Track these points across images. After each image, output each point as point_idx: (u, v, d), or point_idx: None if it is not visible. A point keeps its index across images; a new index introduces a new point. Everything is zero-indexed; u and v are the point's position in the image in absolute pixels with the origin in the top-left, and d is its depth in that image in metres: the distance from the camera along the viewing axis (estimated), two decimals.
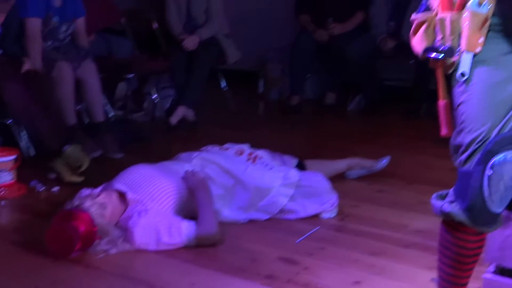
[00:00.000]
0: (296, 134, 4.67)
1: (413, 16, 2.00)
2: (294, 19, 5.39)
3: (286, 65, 5.38)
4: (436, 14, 1.94)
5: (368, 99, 5.17)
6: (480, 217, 1.88)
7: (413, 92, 4.96)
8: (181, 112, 4.75)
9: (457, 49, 1.89)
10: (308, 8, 5.27)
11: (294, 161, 3.42)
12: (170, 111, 4.82)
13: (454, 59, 1.89)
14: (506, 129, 1.85)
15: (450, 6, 1.90)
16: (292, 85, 5.28)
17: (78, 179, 3.60)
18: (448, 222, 1.95)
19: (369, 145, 4.24)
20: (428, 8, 1.97)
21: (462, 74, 1.88)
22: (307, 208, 3.13)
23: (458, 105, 1.92)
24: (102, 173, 3.42)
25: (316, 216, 3.15)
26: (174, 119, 4.73)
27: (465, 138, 1.89)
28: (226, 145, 3.35)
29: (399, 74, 5.28)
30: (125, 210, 2.87)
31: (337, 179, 3.49)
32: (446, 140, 1.98)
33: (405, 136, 4.50)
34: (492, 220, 1.90)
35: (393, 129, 4.72)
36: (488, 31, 1.86)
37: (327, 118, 5.11)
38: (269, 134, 4.56)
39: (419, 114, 4.88)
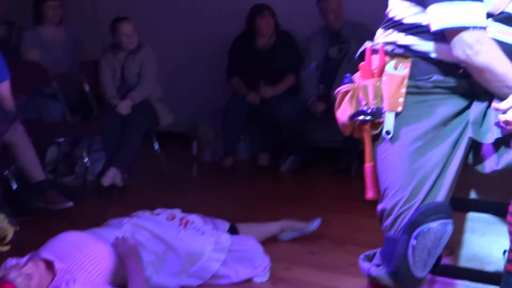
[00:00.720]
0: (230, 196, 4.67)
1: (337, 90, 2.09)
2: (226, 82, 5.47)
3: (219, 127, 5.42)
4: (358, 84, 2.03)
5: (300, 160, 5.25)
6: (405, 281, 1.94)
7: (344, 152, 5.07)
8: (113, 173, 4.71)
9: (382, 110, 1.98)
10: (239, 71, 5.37)
11: (226, 225, 3.41)
12: (101, 173, 4.77)
13: (381, 119, 1.97)
14: (429, 195, 1.92)
15: (370, 74, 2.01)
16: (225, 147, 5.32)
17: (3, 248, 3.48)
18: (375, 284, 2.00)
19: (301, 206, 4.28)
20: (351, 81, 2.07)
21: (387, 132, 1.96)
22: (239, 273, 3.12)
23: (382, 169, 1.99)
24: (30, 240, 3.33)
25: (249, 281, 3.14)
26: (106, 181, 4.68)
27: (388, 203, 1.96)
28: (157, 210, 3.33)
29: (330, 135, 5.37)
30: (52, 280, 2.80)
31: (269, 242, 3.50)
32: (375, 200, 2.03)
33: (337, 196, 4.56)
34: (416, 283, 1.95)
35: (325, 190, 4.79)
36: (409, 92, 1.95)
37: (260, 179, 5.14)
38: (203, 197, 4.56)
39: (350, 173, 4.98)
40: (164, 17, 5.92)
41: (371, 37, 2.13)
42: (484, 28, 1.82)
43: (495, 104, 1.84)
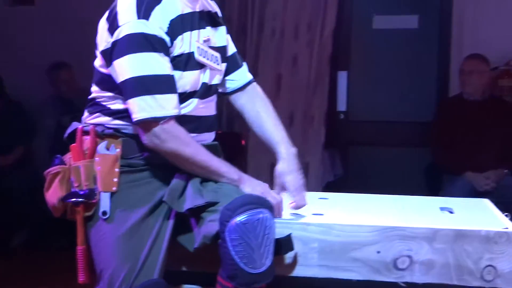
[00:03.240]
0: None
1: (46, 171, 2.05)
2: None
3: None
4: (70, 166, 2.02)
5: (37, 233, 5.00)
6: None
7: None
8: None
9: (96, 191, 1.98)
10: None
11: None
12: None
13: (94, 201, 1.98)
14: (144, 273, 1.96)
15: (81, 155, 2.02)
16: None
17: None
18: None
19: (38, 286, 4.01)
20: (62, 162, 2.05)
21: (104, 213, 1.97)
22: None
23: (97, 251, 1.99)
24: None
25: None
26: None
27: (104, 284, 1.96)
28: None
29: None
30: None
31: None
32: None
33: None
34: None
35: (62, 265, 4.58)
36: (123, 171, 1.99)
37: None
38: None
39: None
40: None
41: None
42: (173, 116, 1.94)
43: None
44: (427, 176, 4.94)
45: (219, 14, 2.22)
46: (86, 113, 2.13)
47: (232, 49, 2.27)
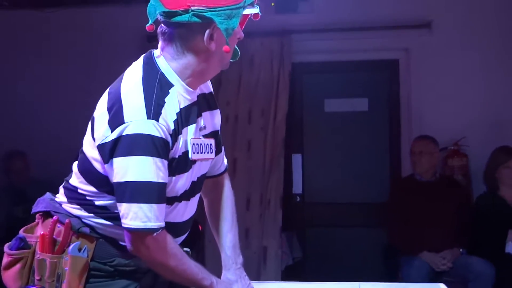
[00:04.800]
0: None
1: (7, 249, 1.95)
2: None
3: None
4: (34, 253, 1.92)
5: None
6: None
7: None
8: None
9: None
10: None
11: None
12: None
13: None
14: None
15: (51, 248, 1.91)
16: None
17: None
18: None
19: None
20: (26, 245, 1.94)
21: None
22: None
23: None
24: None
25: None
26: None
27: None
28: None
29: None
30: None
31: None
32: None
33: None
34: None
35: None
36: (92, 275, 1.91)
37: None
38: None
39: None
40: None
41: (56, 192, 2.06)
42: (162, 227, 1.85)
43: None
44: (385, 257, 4.95)
45: (212, 91, 2.13)
46: (62, 196, 2.01)
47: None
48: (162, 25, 1.89)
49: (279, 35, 5.12)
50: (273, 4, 5.18)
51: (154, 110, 1.79)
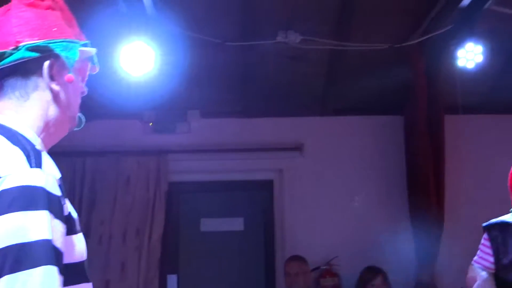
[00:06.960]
0: None
1: None
2: None
3: None
4: None
5: None
6: None
7: None
8: None
9: None
10: None
11: None
12: None
13: None
14: None
15: None
16: None
17: None
18: None
19: None
20: None
21: None
22: None
23: None
24: None
25: None
26: None
27: None
28: None
29: None
30: None
31: None
32: None
33: None
34: None
35: None
36: None
37: None
38: None
39: None
40: None
41: None
42: None
43: None
44: None
45: None
46: None
47: None
48: None
49: (156, 154, 5.14)
50: (151, 124, 5.24)
51: (35, 158, 1.42)
